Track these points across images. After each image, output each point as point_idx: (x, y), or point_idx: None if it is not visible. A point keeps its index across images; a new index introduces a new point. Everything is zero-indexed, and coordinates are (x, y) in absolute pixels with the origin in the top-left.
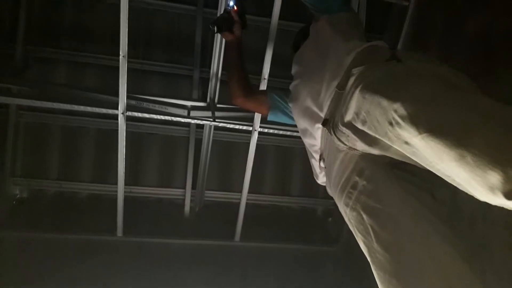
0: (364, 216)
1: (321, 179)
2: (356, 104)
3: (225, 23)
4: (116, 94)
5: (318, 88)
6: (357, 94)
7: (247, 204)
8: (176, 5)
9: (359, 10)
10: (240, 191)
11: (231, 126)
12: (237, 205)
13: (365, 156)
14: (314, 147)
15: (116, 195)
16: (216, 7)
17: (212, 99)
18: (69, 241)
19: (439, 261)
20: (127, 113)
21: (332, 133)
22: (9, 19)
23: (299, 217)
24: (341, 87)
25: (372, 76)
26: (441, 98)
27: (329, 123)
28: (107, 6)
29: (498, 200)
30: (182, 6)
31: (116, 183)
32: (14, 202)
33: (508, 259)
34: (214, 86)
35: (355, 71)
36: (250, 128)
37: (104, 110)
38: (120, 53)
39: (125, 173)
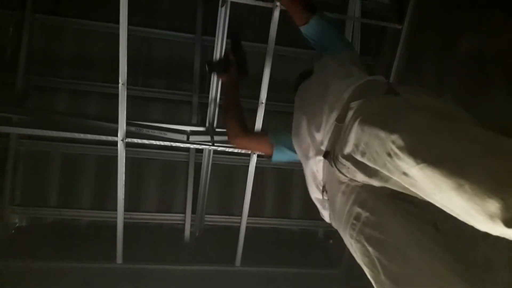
0: (369, 248)
1: (326, 216)
2: (355, 136)
3: (220, 63)
4: (116, 121)
5: (319, 121)
6: (356, 127)
7: (247, 227)
8: (174, 33)
9: (354, 34)
10: (240, 215)
11: (230, 150)
12: (238, 228)
13: (366, 187)
14: (316, 180)
15: (116, 221)
16: (213, 34)
17: (211, 124)
18: (68, 269)
19: None
20: (126, 140)
21: (333, 165)
22: (10, 48)
23: (300, 240)
24: (341, 120)
25: (370, 108)
26: (438, 129)
27: (329, 156)
28: (106, 35)
29: (498, 228)
30: (181, 34)
31: (115, 210)
32: (13, 231)
33: (511, 280)
34: (212, 111)
35: (354, 104)
36: (249, 151)
37: (104, 137)
38: (120, 81)
39: (125, 199)
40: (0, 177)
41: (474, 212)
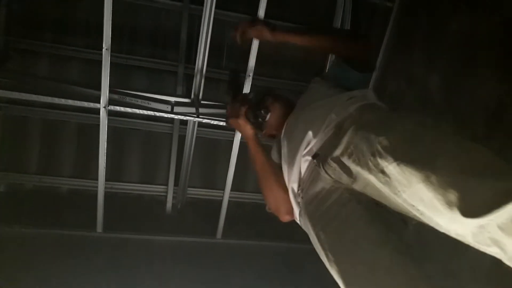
0: (341, 241)
1: (297, 213)
2: (347, 140)
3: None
4: (98, 88)
5: (318, 125)
6: (350, 131)
7: (229, 201)
8: (162, 0)
9: (345, 11)
10: (223, 189)
11: (215, 122)
12: (220, 202)
13: (349, 190)
14: (294, 177)
15: (97, 190)
16: (202, 3)
17: (196, 95)
18: (48, 237)
19: None
20: (109, 107)
21: (321, 166)
22: None
23: None
24: (339, 127)
25: (367, 118)
26: (419, 134)
27: (319, 157)
28: None
29: (456, 218)
30: (168, 2)
31: (97, 179)
32: None
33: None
34: (198, 82)
35: (354, 113)
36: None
37: (85, 104)
38: (103, 45)
39: (107, 168)
40: None
41: (436, 202)
